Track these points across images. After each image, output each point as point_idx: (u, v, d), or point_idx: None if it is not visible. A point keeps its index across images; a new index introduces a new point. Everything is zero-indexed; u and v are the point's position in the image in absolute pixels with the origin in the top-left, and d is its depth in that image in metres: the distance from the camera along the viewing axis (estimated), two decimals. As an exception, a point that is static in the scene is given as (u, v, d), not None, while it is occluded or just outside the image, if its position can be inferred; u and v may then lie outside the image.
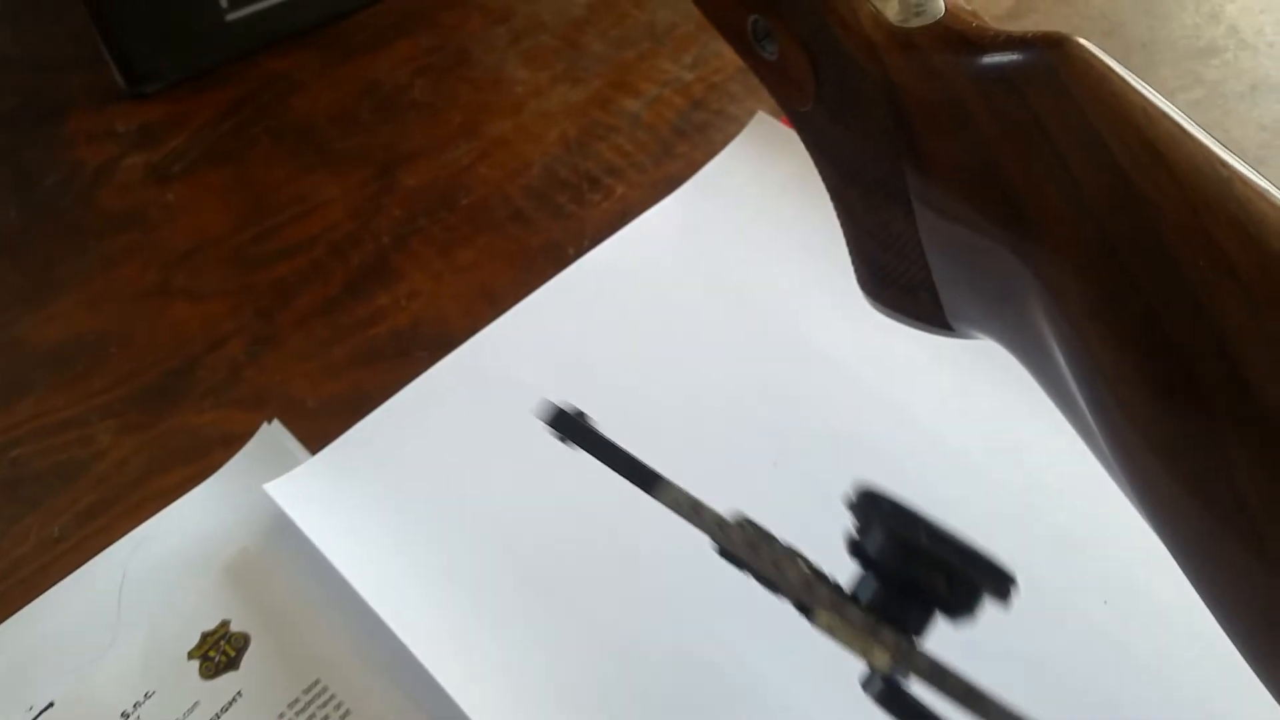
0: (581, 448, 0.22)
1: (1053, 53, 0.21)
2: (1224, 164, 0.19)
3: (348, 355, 0.38)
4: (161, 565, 0.32)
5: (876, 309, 0.27)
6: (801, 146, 0.27)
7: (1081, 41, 0.21)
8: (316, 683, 0.31)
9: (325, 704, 0.31)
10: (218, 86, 0.45)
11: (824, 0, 0.24)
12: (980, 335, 0.25)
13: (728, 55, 0.45)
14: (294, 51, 0.46)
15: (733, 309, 0.37)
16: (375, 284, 0.39)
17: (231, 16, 0.45)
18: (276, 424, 0.36)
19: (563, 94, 0.44)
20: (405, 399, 0.35)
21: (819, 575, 0.20)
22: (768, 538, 0.21)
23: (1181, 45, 0.44)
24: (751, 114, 0.42)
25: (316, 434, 0.36)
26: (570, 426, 0.22)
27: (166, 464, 0.35)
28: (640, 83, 0.45)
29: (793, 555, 0.21)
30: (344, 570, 0.31)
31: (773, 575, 0.20)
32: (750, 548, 0.21)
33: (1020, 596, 0.19)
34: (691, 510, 0.21)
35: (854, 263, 0.27)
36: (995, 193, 0.22)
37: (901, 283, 0.26)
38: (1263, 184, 0.19)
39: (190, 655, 0.31)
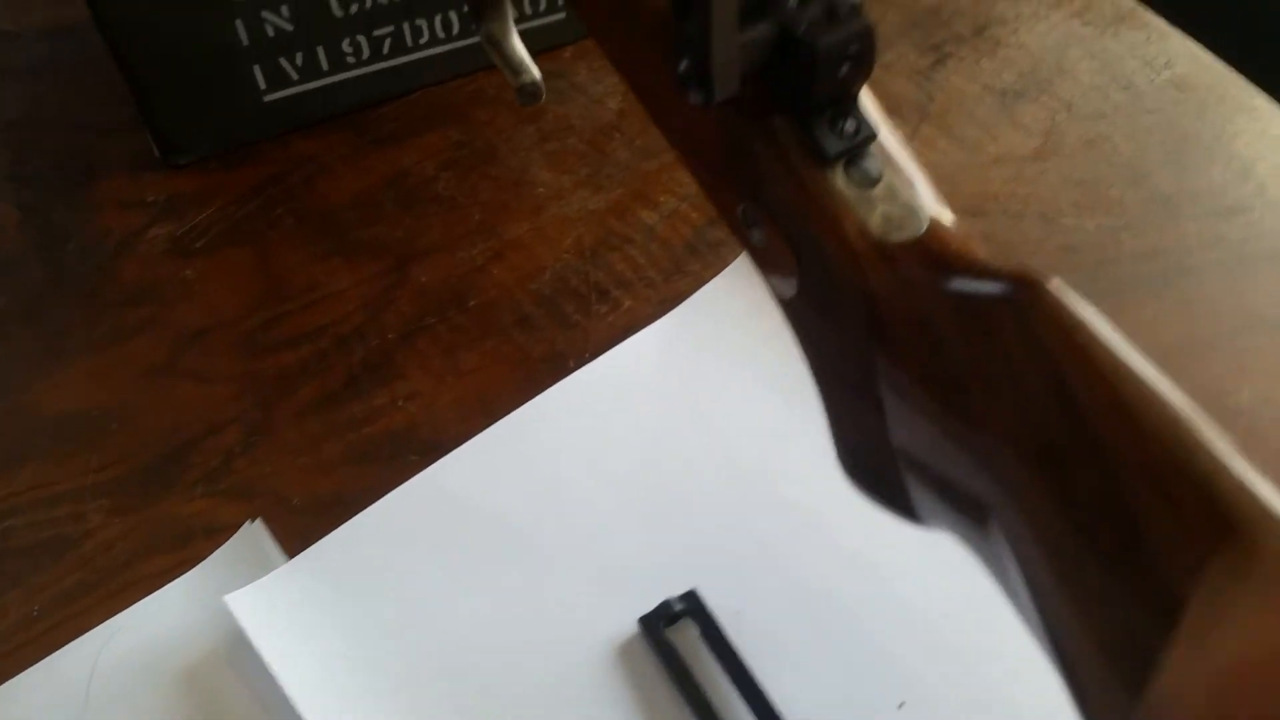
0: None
1: (1025, 293, 0.21)
2: (1192, 430, 0.19)
3: (340, 453, 0.38)
4: (130, 661, 0.33)
5: (851, 486, 0.27)
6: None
7: (1055, 285, 0.21)
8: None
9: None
10: (249, 163, 0.46)
11: (808, 203, 0.24)
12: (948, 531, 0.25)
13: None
14: (326, 134, 0.47)
15: (709, 442, 0.37)
16: (376, 381, 0.40)
17: (270, 98, 0.46)
18: (259, 524, 0.36)
19: (583, 200, 0.45)
20: (378, 512, 0.35)
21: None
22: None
23: (1207, 200, 0.44)
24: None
25: (299, 533, 0.36)
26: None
27: (151, 550, 0.36)
28: (659, 194, 0.45)
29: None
30: (290, 693, 0.31)
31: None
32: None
33: None
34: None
35: (831, 438, 0.27)
36: (960, 414, 0.22)
37: (873, 470, 0.26)
38: (1229, 458, 0.19)
39: (147, 758, 0.31)
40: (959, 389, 0.22)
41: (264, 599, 0.33)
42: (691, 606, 0.33)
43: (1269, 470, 0.38)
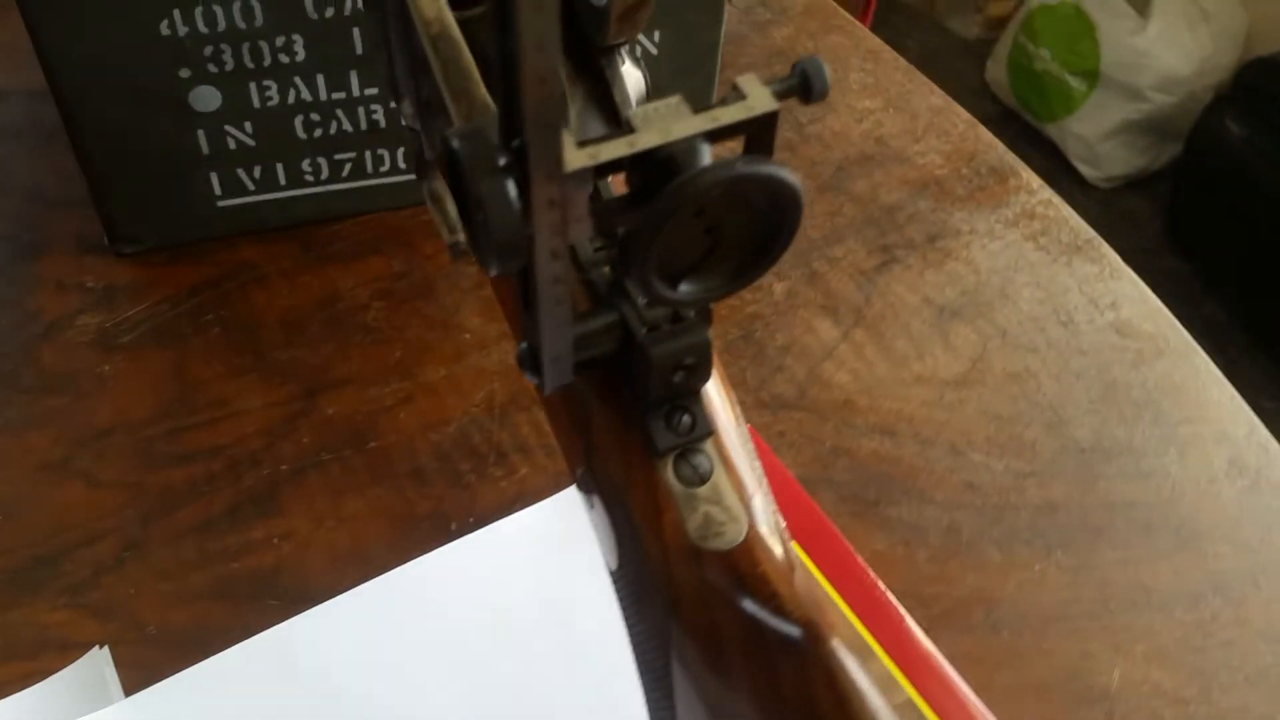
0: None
1: (807, 644, 0.21)
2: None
3: (204, 585, 0.38)
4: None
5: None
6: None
7: (837, 645, 0.21)
8: None
9: None
10: (191, 261, 0.47)
11: (632, 488, 0.24)
12: None
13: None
14: (273, 242, 0.48)
15: (563, 645, 0.36)
16: (257, 514, 0.40)
17: (223, 203, 0.47)
18: (105, 651, 0.36)
19: (504, 352, 0.45)
20: (218, 665, 0.35)
21: None
22: None
23: (1123, 461, 0.44)
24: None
25: (146, 664, 0.36)
26: None
27: (3, 655, 0.36)
28: (583, 360, 0.45)
29: None
30: None
31: None
32: None
33: None
34: None
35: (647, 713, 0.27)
36: None
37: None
38: None
39: None
40: (732, 705, 0.22)
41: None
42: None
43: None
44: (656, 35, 0.48)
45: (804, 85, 0.19)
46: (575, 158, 0.19)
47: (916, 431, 0.44)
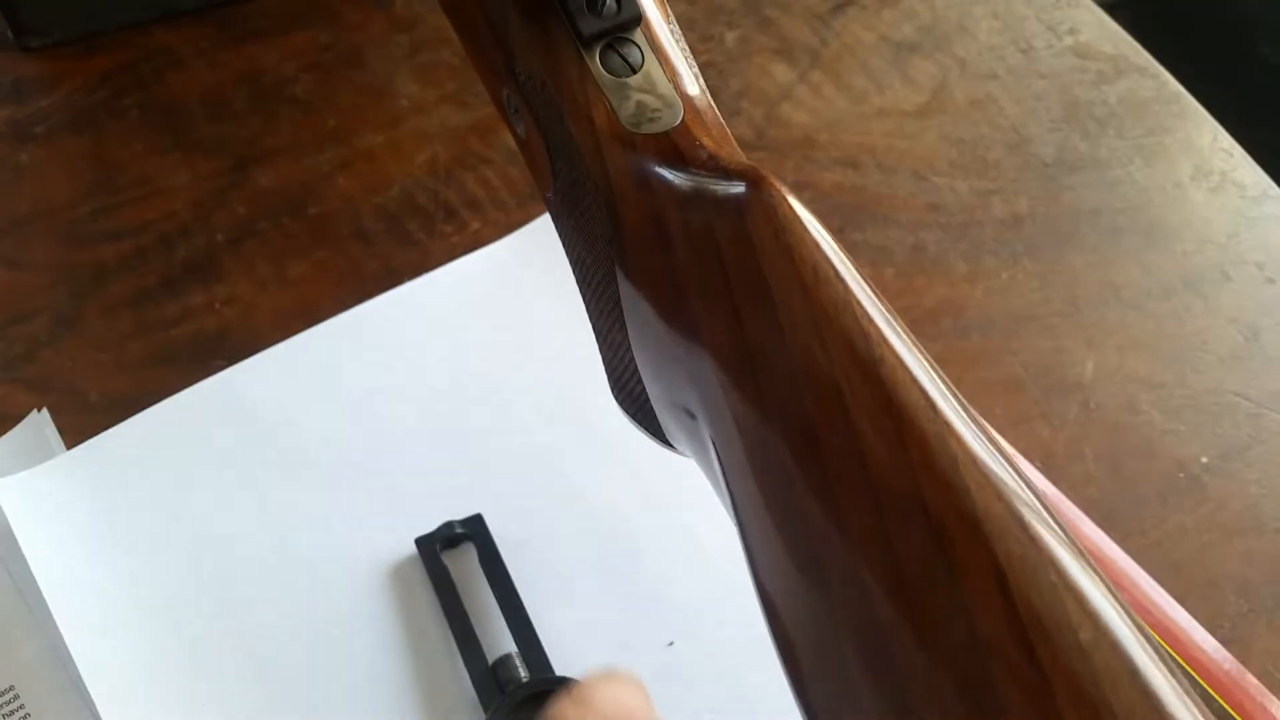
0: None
1: (747, 191, 0.20)
2: (881, 343, 0.18)
3: (143, 352, 0.36)
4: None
5: (621, 411, 0.26)
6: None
7: (775, 185, 0.20)
8: (10, 689, 0.30)
9: (11, 714, 0.30)
10: (102, 51, 0.44)
11: (560, 86, 0.22)
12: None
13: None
14: (187, 27, 0.45)
15: (522, 370, 0.35)
16: (195, 282, 0.38)
17: (128, -18, 0.44)
18: (44, 414, 0.34)
19: (445, 115, 0.43)
20: (164, 412, 0.34)
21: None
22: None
23: (1088, 172, 0.42)
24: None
25: (89, 430, 0.34)
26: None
27: (-66, 430, 0.34)
28: (526, 117, 0.43)
29: None
30: (44, 585, 0.29)
31: None
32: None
33: None
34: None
35: (602, 362, 0.26)
36: (682, 319, 0.20)
37: (630, 392, 0.25)
38: (914, 366, 0.17)
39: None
40: (680, 294, 0.21)
41: (34, 490, 0.32)
42: (474, 531, 0.31)
43: (1101, 444, 0.36)
44: None
45: None
46: None
47: (879, 161, 0.42)
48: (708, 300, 0.20)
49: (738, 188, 0.20)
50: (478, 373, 0.35)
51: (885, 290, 0.39)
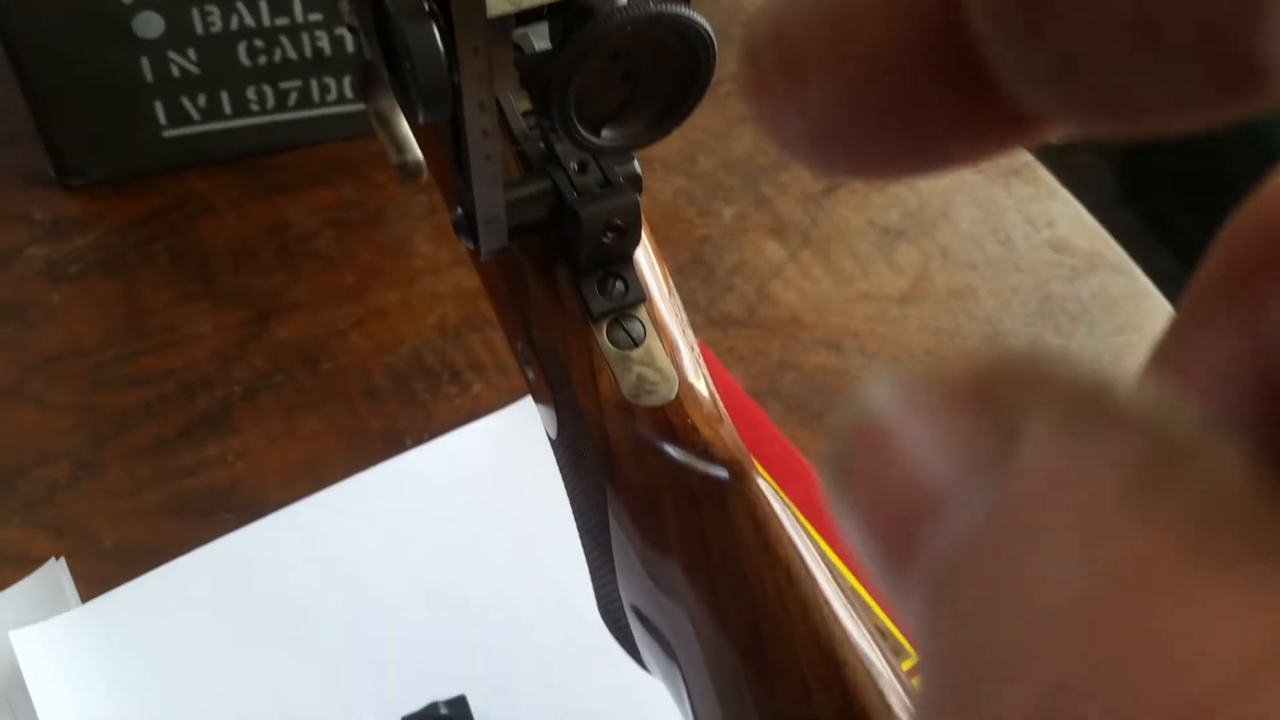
0: None
1: (730, 481, 0.22)
2: (844, 644, 0.20)
3: (158, 501, 0.39)
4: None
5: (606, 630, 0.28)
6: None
7: (755, 481, 0.22)
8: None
9: None
10: (138, 193, 0.47)
11: (569, 353, 0.25)
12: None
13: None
14: (220, 174, 0.48)
15: (513, 548, 0.37)
16: (210, 434, 0.40)
17: (169, 133, 0.47)
18: (61, 562, 0.36)
19: (458, 277, 0.46)
20: (175, 570, 0.36)
21: None
22: None
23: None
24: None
25: (102, 577, 0.36)
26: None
27: (-45, 571, 0.36)
28: (533, 283, 0.46)
29: None
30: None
31: None
32: None
33: None
34: None
35: (591, 582, 0.28)
36: (664, 578, 0.23)
37: (614, 617, 0.27)
38: (873, 665, 0.20)
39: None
40: (664, 555, 0.23)
41: (47, 642, 0.34)
42: (458, 714, 0.33)
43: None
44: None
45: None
46: (498, 4, 0.19)
47: (861, 345, 0.45)
48: (690, 566, 0.22)
49: (722, 473, 0.22)
50: (471, 548, 0.37)
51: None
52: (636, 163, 0.24)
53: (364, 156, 0.49)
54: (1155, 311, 0.47)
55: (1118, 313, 0.47)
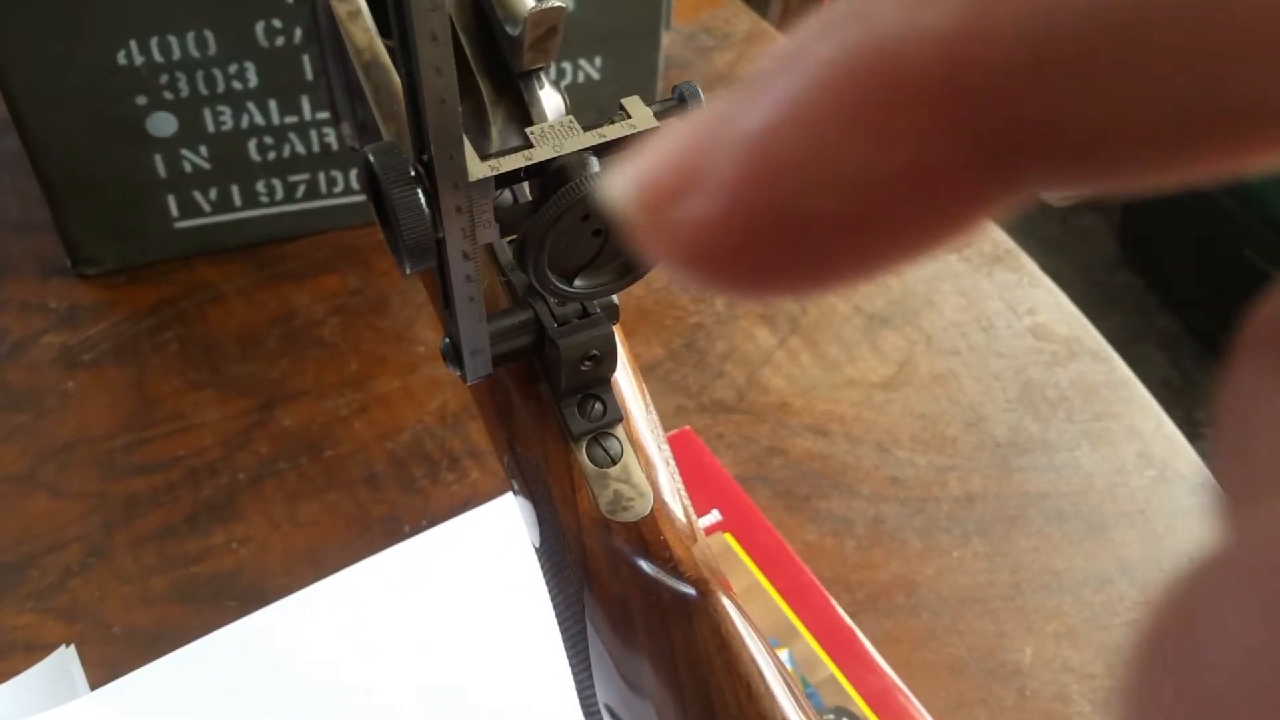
0: None
1: (697, 599, 0.24)
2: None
3: (165, 587, 0.40)
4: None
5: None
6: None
7: (720, 601, 0.23)
8: None
9: None
10: (150, 281, 0.49)
11: (550, 470, 0.26)
12: None
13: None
14: (228, 262, 0.50)
15: (499, 645, 0.38)
16: (216, 521, 0.42)
17: (180, 225, 0.49)
18: (72, 650, 0.38)
19: (455, 364, 0.47)
20: (179, 659, 0.37)
21: None
22: None
23: (1037, 454, 0.46)
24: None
25: (109, 660, 0.38)
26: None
27: (-33, 658, 0.38)
28: (529, 369, 0.48)
29: None
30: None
31: None
32: None
33: None
34: None
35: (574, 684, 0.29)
36: (634, 681, 0.24)
37: (593, 717, 0.28)
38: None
39: None
40: (635, 660, 0.24)
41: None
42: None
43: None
44: (598, 60, 0.51)
45: (681, 105, 0.22)
46: (478, 169, 0.21)
47: (847, 431, 0.47)
48: (659, 673, 0.24)
49: (689, 591, 0.24)
50: (467, 638, 0.38)
51: (845, 562, 0.43)
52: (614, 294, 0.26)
53: (369, 244, 0.51)
54: (1134, 399, 0.48)
55: (1096, 399, 0.48)
